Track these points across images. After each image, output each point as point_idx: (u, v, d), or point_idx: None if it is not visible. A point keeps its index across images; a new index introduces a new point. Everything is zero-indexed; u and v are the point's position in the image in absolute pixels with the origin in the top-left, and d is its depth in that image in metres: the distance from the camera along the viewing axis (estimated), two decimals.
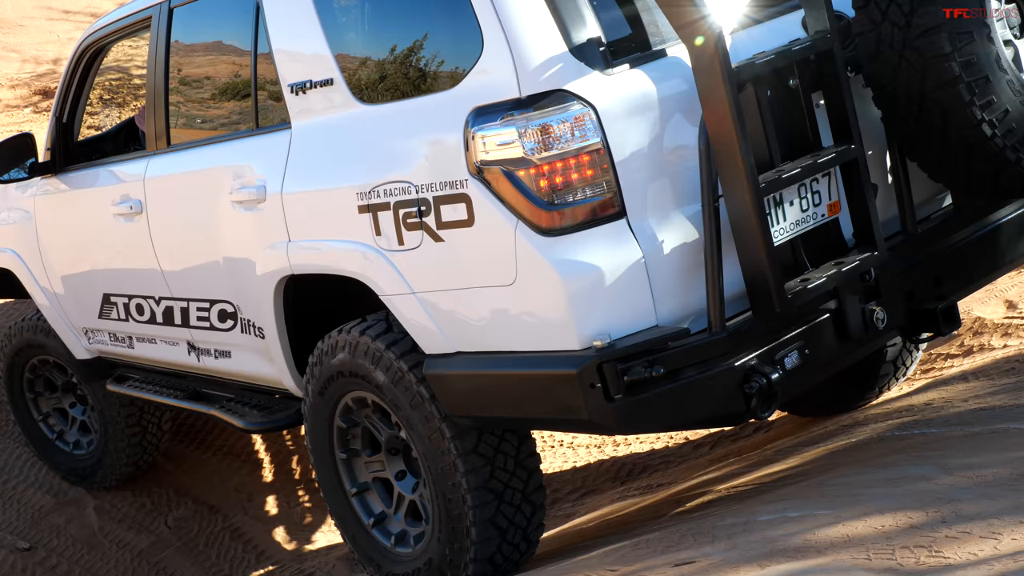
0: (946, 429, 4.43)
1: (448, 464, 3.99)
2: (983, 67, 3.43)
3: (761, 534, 3.45)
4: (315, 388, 4.41)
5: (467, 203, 3.61)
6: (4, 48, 12.07)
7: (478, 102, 3.58)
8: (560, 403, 3.56)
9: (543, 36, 3.51)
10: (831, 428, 5.20)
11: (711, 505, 4.42)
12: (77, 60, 5.67)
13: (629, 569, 3.47)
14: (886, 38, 3.50)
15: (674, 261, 3.53)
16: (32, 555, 6.36)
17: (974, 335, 5.84)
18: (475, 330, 3.77)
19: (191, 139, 5.04)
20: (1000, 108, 3.45)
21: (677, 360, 3.42)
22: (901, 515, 3.31)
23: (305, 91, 4.23)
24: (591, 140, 3.44)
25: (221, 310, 5.00)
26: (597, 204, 3.45)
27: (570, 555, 4.28)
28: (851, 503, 3.56)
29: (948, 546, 3.02)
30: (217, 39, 5.01)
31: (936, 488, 3.54)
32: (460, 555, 4.08)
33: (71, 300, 5.99)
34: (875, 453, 4.35)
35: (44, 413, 6.70)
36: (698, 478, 5.36)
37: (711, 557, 3.35)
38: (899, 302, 3.82)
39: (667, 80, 3.59)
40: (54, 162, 5.74)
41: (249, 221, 4.53)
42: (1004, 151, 3.50)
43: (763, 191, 3.41)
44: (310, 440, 4.56)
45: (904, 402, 5.18)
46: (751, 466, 5.07)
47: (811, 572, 3.03)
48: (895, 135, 3.77)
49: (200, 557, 6.40)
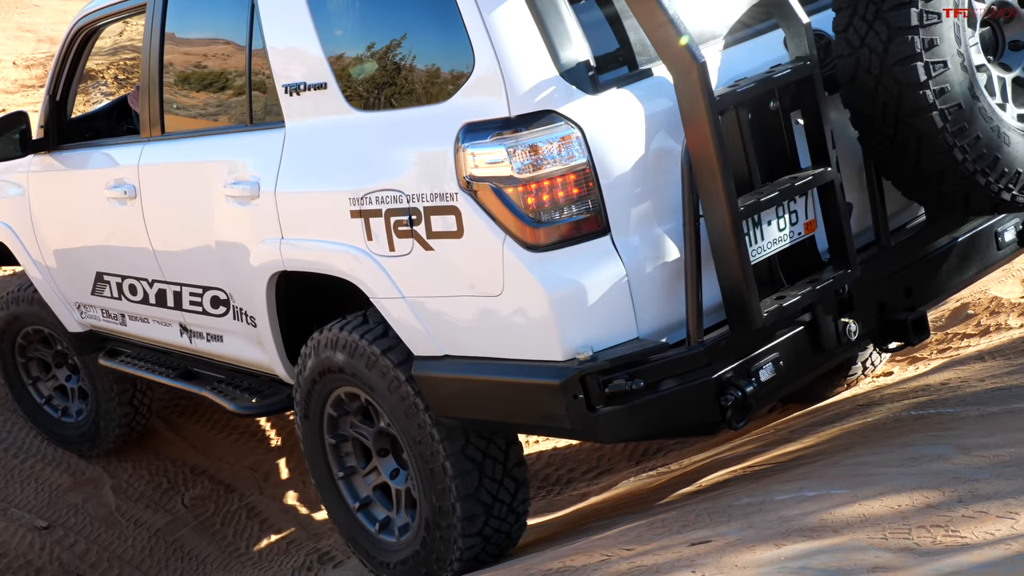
0: (962, 409, 4.42)
1: (432, 449, 4.11)
2: (956, 95, 3.55)
3: (777, 513, 3.45)
4: (304, 383, 4.49)
5: (457, 215, 3.71)
6: (19, 28, 12.10)
7: (468, 118, 3.66)
8: (543, 411, 3.69)
9: (533, 58, 3.58)
10: (847, 408, 5.20)
11: (727, 484, 4.42)
12: (71, 41, 5.71)
13: (645, 548, 3.48)
14: (864, 63, 3.61)
15: (655, 276, 3.64)
16: (50, 534, 6.40)
17: (991, 315, 5.82)
18: (463, 335, 3.88)
19: (185, 128, 5.08)
20: (971, 135, 3.58)
21: (656, 373, 3.55)
22: (917, 495, 3.31)
23: (299, 92, 4.28)
24: (577, 160, 3.54)
25: (214, 297, 5.05)
26: (582, 221, 3.57)
27: (585, 534, 4.28)
28: (867, 483, 3.56)
29: (965, 526, 3.01)
30: (211, 31, 5.02)
31: (952, 468, 3.54)
32: (449, 532, 4.18)
33: (64, 275, 6.05)
34: (891, 433, 4.34)
35: (35, 377, 6.80)
36: (713, 457, 5.36)
37: (727, 536, 3.35)
38: (871, 314, 3.94)
39: (652, 99, 3.67)
40: (47, 139, 5.80)
41: (243, 215, 4.58)
42: (974, 175, 3.62)
43: (742, 214, 3.51)
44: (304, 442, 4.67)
45: (920, 382, 5.17)
46: (766, 446, 5.07)
47: (827, 551, 3.03)
48: (871, 155, 3.86)
49: (216, 536, 6.43)
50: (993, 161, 3.63)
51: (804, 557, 3.03)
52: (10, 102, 9.99)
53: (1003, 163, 3.66)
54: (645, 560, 3.32)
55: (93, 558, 6.29)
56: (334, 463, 4.63)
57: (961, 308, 6.00)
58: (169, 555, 6.35)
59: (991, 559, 2.80)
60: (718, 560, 3.14)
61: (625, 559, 3.39)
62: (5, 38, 12.15)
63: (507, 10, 3.59)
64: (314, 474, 4.73)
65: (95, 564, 6.27)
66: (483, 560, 4.29)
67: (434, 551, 4.28)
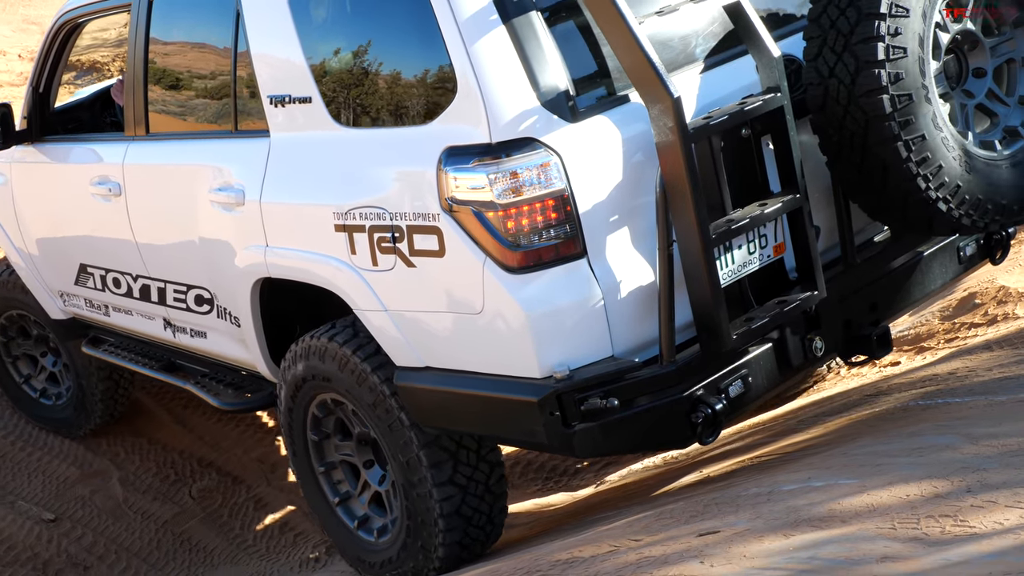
0: (970, 398, 4.42)
1: (405, 437, 4.21)
2: (920, 127, 3.70)
3: (785, 503, 3.44)
4: (287, 391, 4.59)
5: (439, 235, 3.80)
6: (25, 20, 12.09)
7: (450, 142, 3.75)
8: (521, 426, 3.82)
9: (514, 87, 3.67)
10: (854, 398, 5.19)
11: (735, 475, 4.42)
12: (54, 35, 5.74)
13: (653, 539, 3.48)
14: (833, 93, 3.74)
15: (630, 297, 3.75)
16: (57, 526, 6.41)
17: (998, 304, 5.81)
18: (443, 349, 3.99)
19: (170, 130, 5.12)
20: (934, 164, 3.73)
21: (630, 391, 3.68)
22: (926, 484, 3.30)
23: (284, 104, 4.34)
24: (556, 186, 3.64)
25: (198, 295, 5.10)
26: (560, 244, 3.67)
27: (593, 524, 4.28)
28: (875, 472, 3.56)
29: (974, 515, 3.01)
30: (196, 35, 5.06)
31: (961, 457, 3.53)
32: (428, 516, 4.29)
33: (47, 264, 6.10)
34: (899, 423, 4.33)
35: (14, 356, 6.84)
36: (721, 448, 5.36)
37: (735, 526, 3.35)
38: (837, 330, 4.08)
39: (630, 124, 3.75)
40: (31, 130, 5.84)
41: (227, 220, 4.64)
42: (936, 202, 3.77)
43: (714, 242, 3.62)
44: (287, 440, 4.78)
45: (928, 372, 5.17)
46: (774, 436, 5.07)
47: (836, 541, 3.03)
48: (839, 179, 3.98)
49: (224, 528, 6.44)
50: (955, 189, 3.79)
51: (813, 547, 3.03)
52: (16, 94, 10.00)
53: (964, 191, 3.82)
54: (653, 551, 3.32)
55: (101, 550, 6.30)
56: (316, 460, 4.73)
57: (968, 297, 5.99)
58: (177, 547, 6.36)
59: (1000, 548, 2.80)
60: (727, 550, 3.14)
61: (633, 549, 3.39)
62: (11, 31, 12.15)
63: (490, 41, 3.68)
64: (298, 475, 4.85)
65: (103, 556, 6.28)
66: (467, 545, 4.35)
67: (418, 539, 4.35)
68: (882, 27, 3.66)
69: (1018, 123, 4.05)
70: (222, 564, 6.22)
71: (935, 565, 2.79)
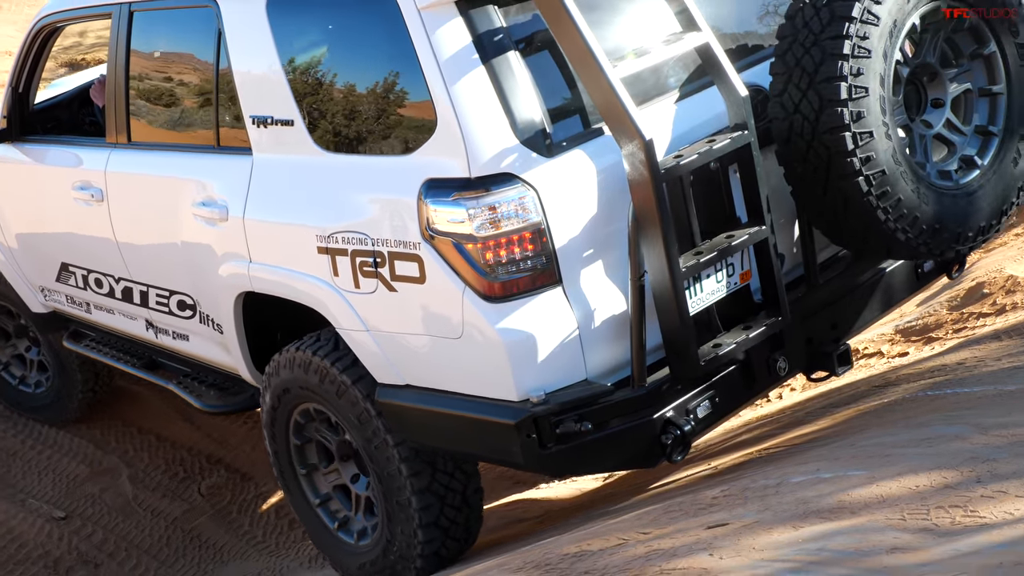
0: (979, 388, 4.41)
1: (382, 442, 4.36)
2: (880, 162, 3.84)
3: (794, 495, 3.44)
4: (271, 397, 4.70)
5: (419, 263, 3.93)
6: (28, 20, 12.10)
7: (430, 174, 3.87)
8: (498, 446, 3.97)
9: (492, 123, 3.78)
10: (862, 389, 5.18)
11: (743, 467, 4.42)
12: (33, 38, 5.77)
13: (662, 531, 3.48)
14: (797, 128, 3.88)
15: (603, 323, 3.89)
16: (68, 524, 6.42)
17: (1007, 293, 5.79)
18: (423, 369, 4.12)
19: (152, 140, 5.15)
20: (893, 197, 3.87)
21: (603, 414, 3.82)
22: (935, 475, 3.30)
23: (267, 126, 4.42)
24: (533, 219, 3.78)
25: (180, 300, 5.16)
26: (536, 275, 3.81)
27: (602, 518, 4.29)
28: (884, 463, 3.55)
29: (984, 505, 3.00)
30: (178, 49, 5.10)
31: (970, 447, 3.53)
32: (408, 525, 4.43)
33: (28, 260, 6.15)
34: (908, 413, 4.33)
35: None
36: (729, 440, 5.36)
37: (744, 519, 3.35)
38: (800, 349, 4.21)
39: (604, 156, 3.86)
40: (10, 129, 5.89)
41: (211, 234, 4.71)
42: (895, 232, 3.92)
43: (683, 275, 3.74)
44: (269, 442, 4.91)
45: (936, 362, 5.16)
46: (782, 428, 5.06)
47: (845, 533, 3.03)
48: (802, 208, 4.12)
49: (233, 524, 6.45)
50: (912, 220, 3.92)
51: (822, 539, 3.02)
52: None
53: (921, 221, 3.95)
54: (662, 543, 3.32)
55: (111, 547, 6.32)
56: (298, 463, 4.86)
57: (976, 287, 5.97)
58: (186, 544, 6.37)
59: (1010, 538, 2.79)
60: (736, 543, 3.14)
61: (642, 542, 3.39)
62: (15, 30, 12.17)
63: (470, 80, 3.80)
64: (280, 478, 4.96)
65: (113, 553, 6.29)
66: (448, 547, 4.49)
67: (396, 546, 4.50)
68: (845, 67, 3.80)
69: (974, 152, 4.18)
70: (232, 560, 6.24)
71: (945, 556, 2.78)
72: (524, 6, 3.90)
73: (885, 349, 5.98)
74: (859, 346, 6.09)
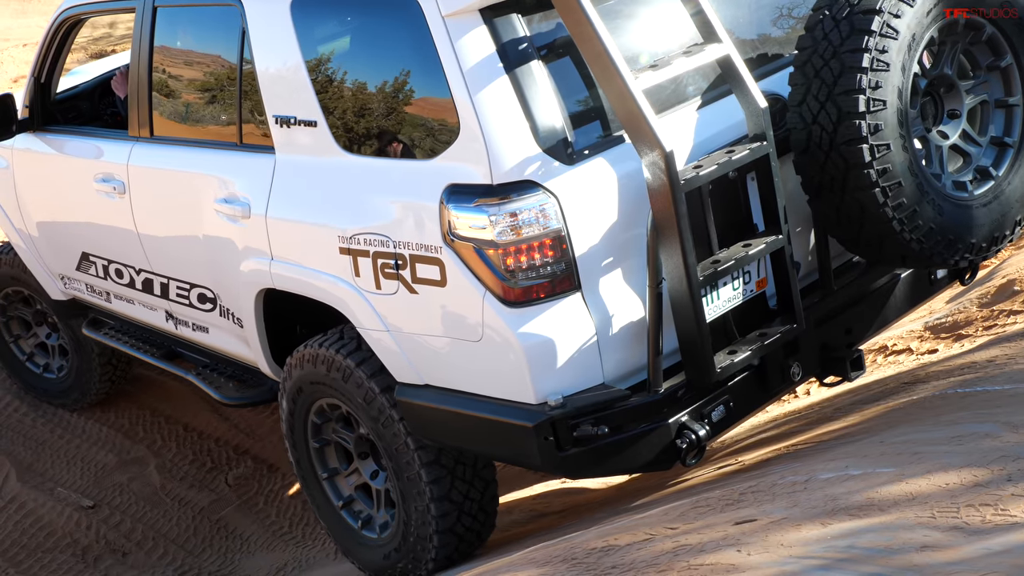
0: (1010, 386, 4.38)
1: (408, 458, 4.42)
2: (897, 174, 3.87)
3: (823, 492, 3.43)
4: (289, 392, 4.74)
5: (440, 267, 3.97)
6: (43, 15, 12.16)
7: (452, 179, 3.91)
8: (516, 448, 4.02)
9: (515, 131, 3.80)
10: (891, 386, 5.16)
11: (771, 463, 4.41)
12: (55, 29, 5.80)
13: (690, 527, 3.47)
14: (815, 139, 3.91)
15: (621, 329, 3.93)
16: (96, 512, 6.46)
17: None
18: (443, 370, 4.16)
19: (174, 135, 5.17)
20: (909, 208, 3.91)
21: (620, 418, 3.87)
22: (965, 473, 3.28)
23: (290, 126, 4.45)
24: (553, 226, 3.82)
25: (201, 293, 5.20)
26: (556, 280, 3.86)
27: (628, 513, 4.28)
28: (914, 461, 3.53)
29: (1015, 504, 2.98)
30: (202, 47, 5.13)
31: (1001, 446, 3.50)
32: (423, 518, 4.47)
33: (48, 248, 6.19)
34: (937, 411, 4.30)
35: (15, 335, 6.95)
36: (757, 436, 5.34)
37: (772, 515, 3.34)
38: (814, 355, 4.26)
39: (624, 163, 3.89)
40: (32, 119, 5.94)
41: (233, 230, 4.75)
42: (911, 242, 3.96)
43: (701, 283, 3.78)
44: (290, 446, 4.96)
45: (966, 359, 5.12)
46: (810, 424, 5.05)
47: (874, 530, 3.01)
48: (819, 216, 4.15)
49: (260, 515, 6.48)
50: (928, 231, 3.96)
51: (851, 536, 3.01)
52: None
53: (936, 232, 3.98)
54: (690, 539, 3.31)
55: (138, 536, 6.36)
56: (318, 464, 4.91)
57: (1007, 284, 5.93)
58: (213, 534, 6.40)
59: None
60: (764, 539, 3.13)
61: (669, 538, 3.39)
62: (46, 21, 12.22)
63: (493, 89, 3.82)
64: (299, 473, 5.00)
65: (140, 543, 6.33)
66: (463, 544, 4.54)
67: (411, 548, 4.55)
68: (864, 80, 3.82)
69: (989, 163, 4.20)
70: (258, 551, 6.26)
71: (976, 554, 2.76)
72: (547, 15, 3.93)
73: (914, 346, 5.95)
74: (888, 343, 6.06)
